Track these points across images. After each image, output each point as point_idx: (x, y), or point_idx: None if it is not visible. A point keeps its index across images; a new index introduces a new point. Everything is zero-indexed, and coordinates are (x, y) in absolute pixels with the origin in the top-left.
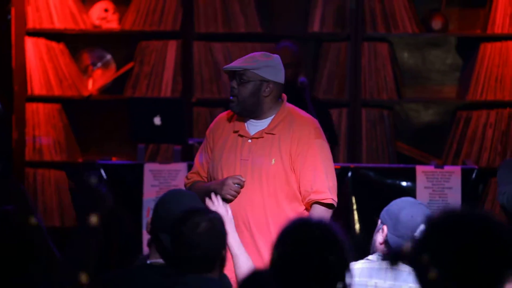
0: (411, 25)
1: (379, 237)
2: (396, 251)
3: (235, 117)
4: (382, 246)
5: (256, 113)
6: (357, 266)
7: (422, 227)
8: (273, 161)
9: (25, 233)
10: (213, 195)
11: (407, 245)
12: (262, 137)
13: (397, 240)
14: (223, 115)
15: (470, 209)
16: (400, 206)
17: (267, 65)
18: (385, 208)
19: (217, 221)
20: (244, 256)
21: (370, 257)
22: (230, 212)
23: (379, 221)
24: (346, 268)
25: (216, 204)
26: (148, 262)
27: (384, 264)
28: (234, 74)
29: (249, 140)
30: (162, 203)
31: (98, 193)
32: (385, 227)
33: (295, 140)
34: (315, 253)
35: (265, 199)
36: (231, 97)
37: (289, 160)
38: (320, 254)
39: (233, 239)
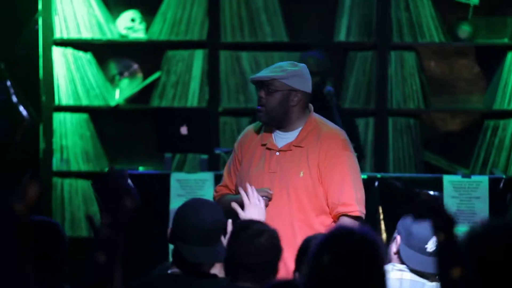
0: (437, 34)
1: (393, 247)
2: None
3: (263, 129)
4: (396, 256)
5: (283, 123)
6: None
7: (434, 239)
8: (301, 174)
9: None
10: (248, 186)
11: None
12: (290, 150)
13: (408, 251)
14: (251, 127)
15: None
16: (413, 219)
17: (295, 75)
18: (402, 218)
19: (276, 235)
20: None
21: (396, 266)
22: (263, 203)
23: (396, 231)
24: (384, 282)
25: (250, 194)
26: (169, 271)
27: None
28: (262, 84)
29: (277, 153)
30: (181, 212)
31: (126, 190)
32: (398, 237)
33: (323, 153)
34: (356, 265)
35: (293, 212)
36: (258, 107)
37: (316, 172)
38: (361, 266)
39: None
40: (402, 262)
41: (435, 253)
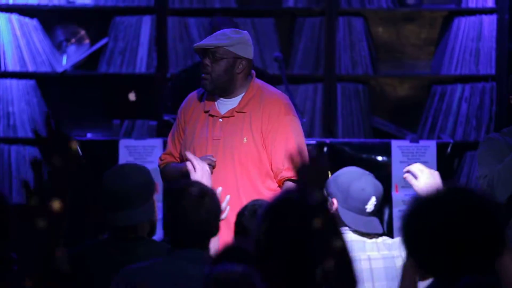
0: (386, 0)
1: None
2: None
3: (206, 96)
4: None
5: (228, 91)
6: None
7: (373, 199)
8: (245, 140)
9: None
10: (189, 154)
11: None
12: (233, 116)
13: (347, 214)
14: (194, 94)
15: (453, 184)
16: (349, 178)
17: (240, 42)
18: (332, 180)
19: (215, 195)
20: None
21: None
22: (207, 167)
23: (328, 194)
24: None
25: (194, 162)
26: (102, 238)
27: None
28: (206, 52)
29: (220, 120)
30: (108, 178)
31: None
32: (334, 201)
33: (265, 117)
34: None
35: (238, 178)
36: (203, 75)
37: (260, 137)
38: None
39: None
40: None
41: (374, 212)
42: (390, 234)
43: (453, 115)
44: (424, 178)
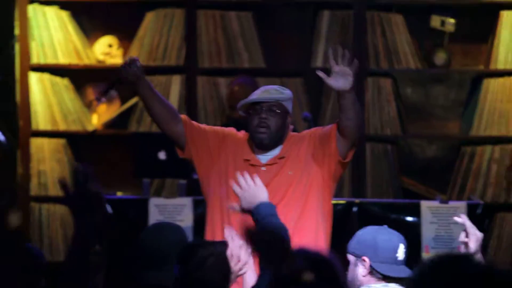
0: (414, 61)
1: (360, 271)
2: None
3: (242, 144)
4: (367, 278)
5: (278, 144)
6: None
7: (402, 247)
8: (290, 172)
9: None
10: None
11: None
12: (276, 163)
13: (383, 267)
14: (236, 133)
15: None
16: (372, 233)
17: (289, 98)
18: (354, 242)
19: (223, 255)
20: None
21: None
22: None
23: (351, 257)
24: None
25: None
26: None
27: None
28: (261, 106)
29: (263, 168)
30: (145, 238)
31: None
32: (366, 258)
33: (305, 144)
34: None
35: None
36: (261, 129)
37: (314, 159)
38: None
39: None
40: (378, 280)
41: (405, 261)
42: None
43: (483, 176)
44: (473, 239)
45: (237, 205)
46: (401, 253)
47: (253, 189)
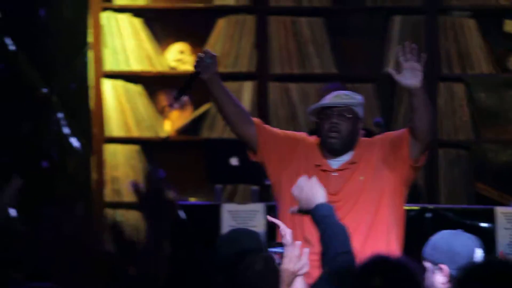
0: (487, 65)
1: (438, 279)
2: None
3: (313, 149)
4: (446, 286)
5: (349, 149)
6: None
7: (479, 251)
8: (361, 178)
9: None
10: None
11: None
12: (348, 169)
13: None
14: (307, 138)
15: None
16: (447, 240)
17: (360, 104)
18: (429, 248)
19: (271, 261)
20: None
21: None
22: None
23: (428, 263)
24: None
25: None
26: None
27: None
28: (331, 111)
29: (334, 173)
30: (223, 243)
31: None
32: (444, 266)
33: (376, 149)
34: None
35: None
36: (332, 134)
37: (386, 163)
38: None
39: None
40: None
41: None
42: None
43: None
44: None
45: (296, 207)
46: (478, 257)
47: (310, 190)
